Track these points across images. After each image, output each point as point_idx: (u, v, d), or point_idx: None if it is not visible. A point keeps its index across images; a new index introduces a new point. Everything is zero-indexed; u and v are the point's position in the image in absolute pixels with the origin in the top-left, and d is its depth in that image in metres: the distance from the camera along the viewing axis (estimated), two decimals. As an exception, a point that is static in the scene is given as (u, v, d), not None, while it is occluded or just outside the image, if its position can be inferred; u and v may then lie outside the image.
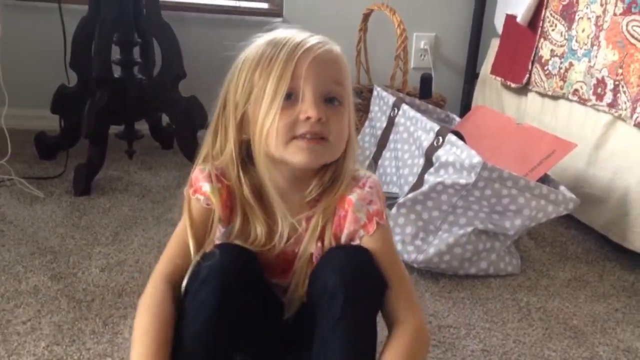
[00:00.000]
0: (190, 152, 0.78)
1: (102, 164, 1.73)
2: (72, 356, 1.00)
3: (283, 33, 0.80)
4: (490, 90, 2.19)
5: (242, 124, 0.81)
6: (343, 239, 0.84)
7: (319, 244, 0.83)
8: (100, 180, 1.75)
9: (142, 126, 1.95)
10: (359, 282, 0.77)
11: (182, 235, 0.82)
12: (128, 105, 1.79)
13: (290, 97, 0.76)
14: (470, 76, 2.47)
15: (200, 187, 0.82)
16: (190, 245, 0.81)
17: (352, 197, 0.82)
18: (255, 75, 0.78)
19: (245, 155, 0.84)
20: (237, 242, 0.83)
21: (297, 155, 0.77)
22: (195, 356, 0.73)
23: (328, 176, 0.83)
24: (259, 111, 0.77)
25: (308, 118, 0.75)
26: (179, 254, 0.82)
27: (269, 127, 0.76)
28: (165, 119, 2.04)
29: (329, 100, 0.78)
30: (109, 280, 1.24)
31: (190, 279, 0.77)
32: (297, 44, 0.77)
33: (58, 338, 1.04)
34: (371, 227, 0.82)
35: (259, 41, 0.80)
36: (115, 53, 1.77)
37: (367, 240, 0.83)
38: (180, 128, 1.87)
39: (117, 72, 1.79)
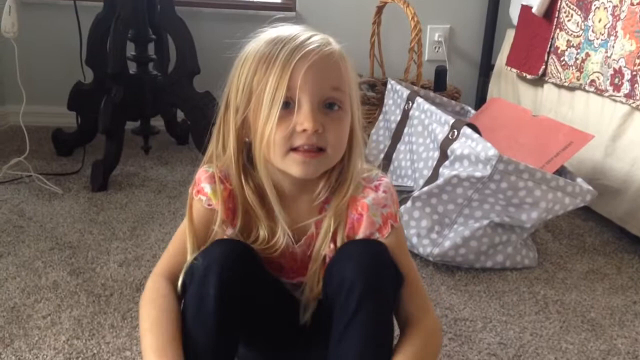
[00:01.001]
0: (205, 148, 0.79)
1: (118, 159, 1.75)
2: (91, 350, 1.01)
3: (284, 33, 0.77)
4: (505, 82, 2.17)
5: (243, 127, 0.80)
6: None
7: (332, 246, 0.83)
8: (117, 176, 1.77)
9: (158, 122, 1.97)
10: (377, 273, 0.76)
11: (183, 234, 0.83)
12: (143, 101, 1.81)
13: (289, 106, 0.75)
14: (486, 68, 2.45)
15: (203, 188, 0.83)
16: (188, 245, 0.81)
17: (367, 201, 0.81)
18: (254, 80, 0.76)
19: (247, 158, 0.83)
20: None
21: (293, 168, 0.76)
22: (201, 348, 0.73)
23: (334, 177, 0.82)
24: (258, 120, 0.76)
25: (304, 130, 0.74)
26: (179, 252, 0.82)
27: (267, 137, 0.75)
28: (180, 115, 2.05)
29: (328, 106, 0.77)
30: (127, 274, 1.25)
31: (187, 276, 0.77)
32: (295, 49, 0.74)
33: (78, 332, 1.06)
34: (386, 230, 0.82)
35: (259, 41, 0.78)
36: (130, 49, 1.78)
37: None
38: (195, 124, 1.88)
39: (132, 68, 1.80)
